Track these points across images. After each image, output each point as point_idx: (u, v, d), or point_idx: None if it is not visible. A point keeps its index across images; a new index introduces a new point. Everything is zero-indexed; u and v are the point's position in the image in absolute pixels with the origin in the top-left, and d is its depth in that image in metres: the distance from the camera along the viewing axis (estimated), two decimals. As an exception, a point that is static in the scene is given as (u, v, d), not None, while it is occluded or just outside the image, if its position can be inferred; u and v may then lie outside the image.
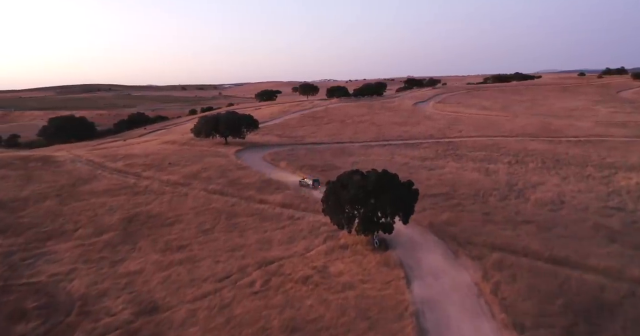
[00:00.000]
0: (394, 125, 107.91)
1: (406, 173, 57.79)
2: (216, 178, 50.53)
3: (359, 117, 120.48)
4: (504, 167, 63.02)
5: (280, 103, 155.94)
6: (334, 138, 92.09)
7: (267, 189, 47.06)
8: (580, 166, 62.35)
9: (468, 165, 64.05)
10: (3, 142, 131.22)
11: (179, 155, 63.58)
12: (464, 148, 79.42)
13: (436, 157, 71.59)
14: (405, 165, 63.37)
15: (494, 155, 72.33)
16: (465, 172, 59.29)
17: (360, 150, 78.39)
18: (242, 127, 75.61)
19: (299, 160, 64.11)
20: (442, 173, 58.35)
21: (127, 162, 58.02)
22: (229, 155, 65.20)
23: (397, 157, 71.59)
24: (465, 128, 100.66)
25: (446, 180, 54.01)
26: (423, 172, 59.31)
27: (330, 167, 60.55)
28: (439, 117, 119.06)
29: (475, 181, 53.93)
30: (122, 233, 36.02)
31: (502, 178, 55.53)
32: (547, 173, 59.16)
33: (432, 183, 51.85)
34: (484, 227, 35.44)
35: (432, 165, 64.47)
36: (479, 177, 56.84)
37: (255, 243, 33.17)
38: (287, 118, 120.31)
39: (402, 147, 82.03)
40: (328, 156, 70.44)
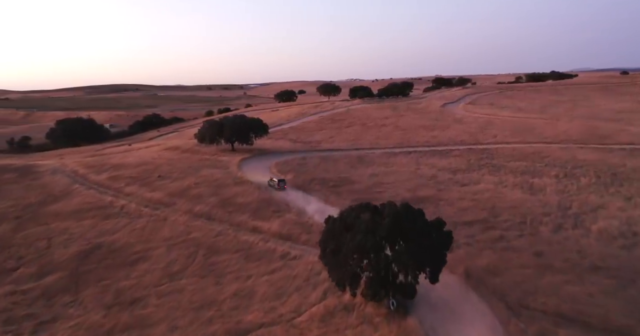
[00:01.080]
0: (420, 129, 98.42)
1: (433, 190, 48.74)
2: (207, 197, 42.67)
3: (382, 119, 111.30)
4: (551, 182, 53.13)
5: (299, 105, 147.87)
6: (353, 144, 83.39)
7: (263, 212, 38.89)
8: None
9: (508, 180, 54.41)
10: (15, 144, 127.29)
11: (174, 165, 56.11)
12: (501, 157, 69.54)
13: (469, 168, 62.07)
14: (432, 180, 54.19)
15: (538, 166, 62.32)
16: (505, 190, 49.76)
17: (382, 158, 69.45)
18: (249, 132, 67.73)
19: (309, 172, 55.72)
20: (477, 190, 48.99)
21: (113, 174, 50.86)
22: (230, 165, 57.39)
23: (423, 167, 62.40)
24: (501, 133, 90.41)
25: (483, 200, 44.70)
26: (454, 188, 50.07)
27: (344, 181, 51.99)
28: (470, 120, 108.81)
29: (519, 202, 44.44)
30: (70, 276, 28.43)
31: (551, 199, 45.82)
32: (606, 191, 49.07)
33: (466, 206, 42.66)
34: (541, 278, 26.33)
35: (465, 179, 55.08)
36: (523, 196, 47.26)
37: (231, 297, 25.03)
38: (305, 121, 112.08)
39: (429, 154, 72.72)
40: (344, 166, 61.82)
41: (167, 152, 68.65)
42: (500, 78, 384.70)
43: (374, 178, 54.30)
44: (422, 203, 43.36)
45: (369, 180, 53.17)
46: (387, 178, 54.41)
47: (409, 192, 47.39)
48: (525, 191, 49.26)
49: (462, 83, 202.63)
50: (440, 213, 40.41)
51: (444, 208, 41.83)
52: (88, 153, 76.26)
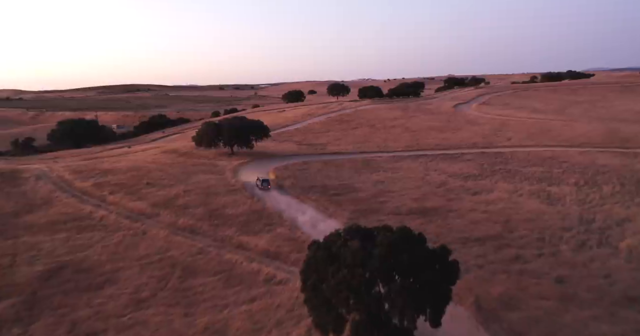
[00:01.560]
0: (430, 130, 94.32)
1: (442, 199, 44.79)
2: (194, 207, 39.33)
3: (391, 120, 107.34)
4: (570, 190, 48.81)
5: (307, 105, 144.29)
6: (360, 147, 79.69)
7: (253, 225, 35.40)
8: (676, 192, 47.49)
9: (523, 188, 50.22)
10: (20, 145, 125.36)
11: (167, 170, 52.93)
12: (516, 161, 65.28)
13: (482, 174, 57.95)
14: (441, 187, 50.21)
15: (555, 172, 57.99)
16: (521, 199, 45.60)
17: (389, 163, 65.60)
18: (248, 135, 64.34)
19: (309, 178, 52.13)
20: (491, 200, 44.91)
21: (99, 180, 47.81)
22: (226, 170, 54.06)
23: (432, 173, 58.41)
24: (516, 135, 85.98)
25: (496, 212, 40.66)
26: (465, 197, 46.05)
27: (346, 188, 48.27)
28: (484, 121, 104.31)
29: (536, 214, 40.32)
30: (26, 302, 25.19)
31: (572, 210, 41.61)
32: (631, 201, 44.63)
33: (478, 218, 38.65)
34: (564, 313, 22.43)
35: (477, 186, 51.00)
36: (540, 206, 43.09)
37: (200, 333, 21.54)
38: (312, 122, 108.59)
39: (439, 158, 68.70)
40: (348, 172, 58.11)
41: (163, 155, 65.59)
42: (515, 77, 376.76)
43: (379, 186, 50.50)
44: (430, 215, 39.55)
45: (373, 188, 49.41)
46: (393, 186, 50.58)
47: (415, 201, 43.54)
48: (542, 201, 45.07)
49: (475, 83, 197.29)
50: (449, 226, 36.58)
51: (453, 221, 37.94)
52: (85, 156, 73.59)
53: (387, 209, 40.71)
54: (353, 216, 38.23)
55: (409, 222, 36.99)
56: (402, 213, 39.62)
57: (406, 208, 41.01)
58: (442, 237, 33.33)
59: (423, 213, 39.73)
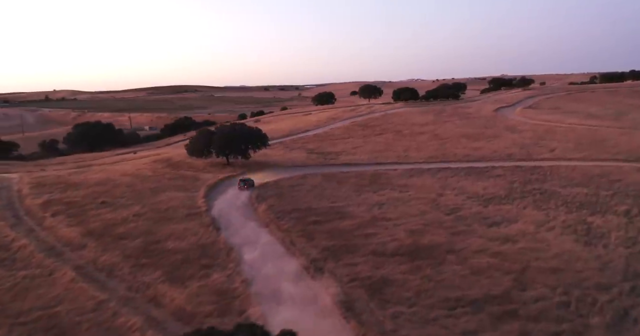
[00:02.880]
0: (462, 138, 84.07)
1: (446, 234, 35.64)
2: (133, 237, 32.59)
3: (421, 126, 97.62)
4: (619, 223, 38.34)
5: (335, 108, 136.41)
6: (376, 157, 71.15)
7: (188, 267, 28.14)
8: None
9: (557, 217, 40.13)
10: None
11: (136, 186, 46.83)
12: (556, 179, 54.71)
13: (509, 195, 48.09)
14: (451, 215, 40.95)
15: (603, 195, 47.22)
16: (550, 235, 35.72)
17: (401, 178, 56.72)
18: (242, 144, 57.39)
19: (295, 199, 44.29)
20: (509, 235, 35.37)
21: (55, 197, 42.27)
22: (203, 186, 47.28)
23: (448, 193, 49.07)
24: (561, 145, 74.37)
25: (512, 255, 31.23)
26: (477, 230, 36.67)
27: (332, 214, 40.01)
28: (526, 127, 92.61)
29: (566, 260, 30.59)
30: None
31: (615, 256, 31.49)
32: None
33: (484, 265, 29.43)
34: None
35: (498, 214, 41.37)
36: (574, 247, 33.17)
37: None
38: (334, 127, 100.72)
39: (463, 173, 59.06)
40: (347, 190, 49.83)
41: (151, 165, 59.86)
42: (574, 78, 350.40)
43: (374, 210, 41.94)
44: (421, 257, 30.73)
45: (367, 213, 40.92)
46: (392, 211, 41.87)
47: (410, 235, 34.73)
48: (578, 238, 35.02)
49: (524, 84, 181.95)
50: (440, 278, 27.70)
51: (450, 267, 28.98)
52: (78, 163, 69.40)
53: (369, 246, 32.28)
54: (320, 256, 30.18)
55: (389, 268, 28.56)
56: (386, 253, 31.06)
57: (394, 246, 32.37)
58: (423, 298, 24.67)
59: (413, 255, 30.99)
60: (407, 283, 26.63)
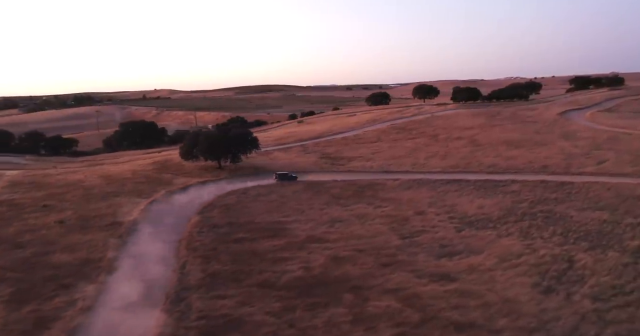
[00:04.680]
0: (502, 145, 74.62)
1: (377, 263, 29.80)
2: (29, 246, 31.07)
3: (463, 130, 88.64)
4: (614, 263, 29.83)
5: (384, 109, 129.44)
6: (389, 165, 65.34)
7: (48, 286, 25.76)
8: None
9: (537, 250, 32.34)
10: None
11: (99, 189, 45.96)
12: (580, 199, 45.72)
13: (502, 217, 40.47)
14: (410, 238, 34.74)
15: (625, 223, 38.06)
16: (506, 274, 28.39)
17: (394, 190, 50.76)
18: (226, 149, 54.84)
19: (241, 212, 40.46)
20: (450, 272, 28.68)
21: (8, 197, 42.68)
22: (159, 192, 45.30)
23: (430, 211, 42.46)
24: (616, 156, 62.74)
25: (426, 299, 24.82)
26: (416, 262, 30.22)
27: (268, 232, 35.61)
28: (587, 134, 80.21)
29: (493, 311, 23.71)
30: None
31: (569, 313, 23.92)
32: None
33: (379, 310, 23.39)
34: None
35: (464, 242, 34.38)
36: (521, 294, 25.80)
37: None
38: (369, 130, 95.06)
39: (472, 187, 51.65)
40: (312, 203, 45.00)
41: (145, 166, 59.52)
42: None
43: (320, 228, 36.90)
44: (313, 294, 25.56)
45: (309, 231, 36.02)
46: (340, 230, 36.57)
47: (327, 264, 29.37)
48: (540, 282, 27.43)
49: (613, 83, 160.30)
50: (306, 323, 22.53)
51: (332, 310, 23.44)
52: (95, 161, 71.63)
53: (264, 275, 27.67)
54: (196, 283, 26.30)
55: (259, 305, 24.03)
56: (275, 286, 26.27)
57: (292, 277, 27.42)
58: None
59: (305, 290, 25.89)
60: (261, 328, 21.94)
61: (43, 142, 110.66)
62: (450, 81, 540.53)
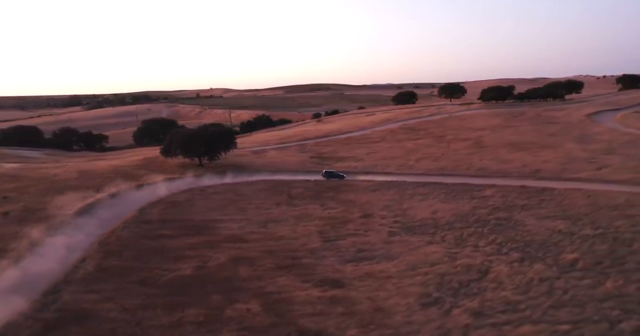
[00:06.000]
0: (505, 148, 71.08)
1: (276, 266, 29.25)
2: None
3: (473, 131, 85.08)
4: (531, 277, 27.55)
5: (401, 109, 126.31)
6: (376, 165, 64.37)
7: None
8: None
9: (457, 259, 30.47)
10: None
11: (58, 183, 48.10)
12: (550, 206, 42.99)
13: (448, 223, 38.55)
14: (332, 241, 33.86)
15: (580, 234, 35.25)
16: (398, 284, 26.91)
17: (359, 192, 49.82)
18: (202, 146, 55.77)
19: (183, 210, 41.07)
20: (338, 278, 27.65)
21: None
22: (122, 188, 46.77)
23: (378, 214, 41.27)
24: (622, 162, 58.19)
25: (278, 305, 24.15)
26: (315, 266, 29.30)
27: (194, 230, 35.90)
28: (605, 137, 74.86)
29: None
30: None
31: (429, 330, 22.36)
32: None
33: (227, 314, 23.14)
34: None
35: (385, 248, 32.99)
36: (396, 305, 24.44)
37: None
38: (378, 130, 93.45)
39: (444, 190, 49.70)
40: (262, 203, 44.89)
41: (130, 162, 61.80)
42: None
43: (249, 228, 36.72)
44: (180, 292, 25.45)
45: (234, 231, 35.99)
46: (265, 231, 36.25)
47: (223, 263, 29.24)
48: (432, 292, 25.78)
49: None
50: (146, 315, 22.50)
51: (187, 311, 23.38)
52: (101, 156, 75.27)
53: (152, 271, 27.90)
54: (80, 277, 26.98)
55: (121, 302, 24.26)
56: (155, 284, 26.48)
57: (176, 276, 27.50)
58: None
59: (176, 289, 25.88)
60: (103, 324, 22.14)
61: (75, 137, 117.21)
62: (509, 79, 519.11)
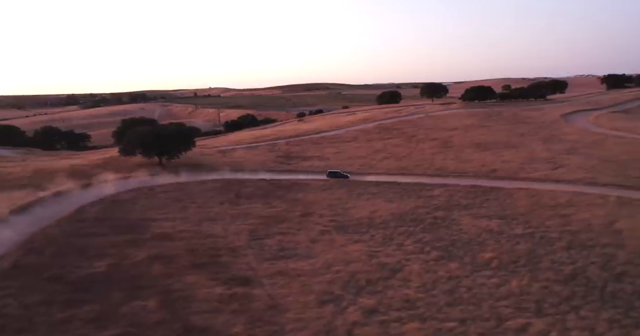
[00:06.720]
0: (471, 148, 71.53)
1: (189, 264, 29.55)
2: None
3: (446, 131, 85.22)
4: (441, 276, 27.95)
5: (381, 108, 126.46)
6: (339, 165, 63.91)
7: None
8: None
9: (375, 257, 30.76)
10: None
11: (20, 180, 48.82)
12: (492, 206, 43.24)
13: (384, 222, 38.87)
14: (258, 240, 34.15)
15: (508, 234, 35.59)
16: (306, 282, 27.29)
17: (309, 191, 50.10)
18: (157, 146, 56.12)
19: (126, 209, 41.44)
20: (240, 276, 28.02)
21: None
22: (66, 184, 47.26)
23: (318, 212, 41.60)
24: (582, 162, 58.70)
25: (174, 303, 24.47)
26: (230, 263, 29.69)
27: (126, 228, 36.25)
28: (574, 137, 75.22)
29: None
30: None
31: (316, 320, 22.66)
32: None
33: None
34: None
35: (308, 247, 33.32)
36: (295, 302, 24.79)
37: None
38: (353, 129, 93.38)
39: (393, 190, 50.10)
40: (207, 201, 45.24)
41: (90, 161, 62.23)
42: None
43: (181, 226, 37.04)
44: (85, 289, 25.84)
45: (166, 229, 36.10)
46: (192, 231, 36.50)
47: (143, 260, 29.67)
48: (335, 292, 26.03)
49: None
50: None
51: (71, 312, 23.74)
52: (66, 155, 75.74)
53: (57, 272, 28.38)
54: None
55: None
56: (64, 281, 26.91)
57: (87, 273, 27.88)
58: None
59: (82, 290, 26.31)
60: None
61: (57, 136, 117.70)
62: (509, 79, 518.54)
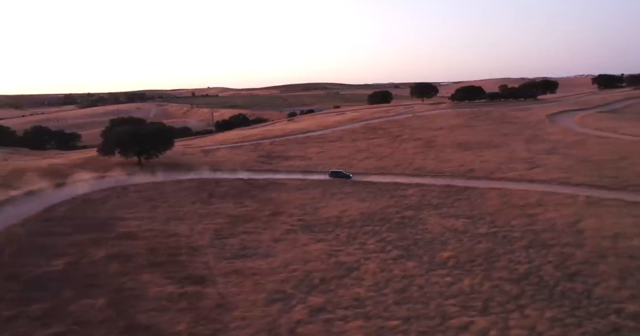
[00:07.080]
0: (452, 148, 71.66)
1: (148, 262, 29.79)
2: None
3: (431, 131, 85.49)
4: (394, 275, 28.13)
5: (370, 108, 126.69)
6: (318, 165, 64.27)
7: None
8: None
9: (334, 256, 31.02)
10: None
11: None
12: (462, 206, 43.45)
13: (351, 222, 39.04)
14: (221, 239, 34.40)
15: (472, 233, 35.92)
16: (260, 280, 27.51)
17: (285, 190, 50.37)
18: (138, 144, 56.40)
19: (95, 208, 41.69)
20: (197, 276, 28.23)
21: None
22: (40, 184, 47.54)
23: (288, 212, 41.80)
24: (560, 162, 59.02)
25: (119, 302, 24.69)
26: (187, 263, 29.93)
27: (96, 227, 36.45)
28: (556, 137, 75.41)
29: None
30: None
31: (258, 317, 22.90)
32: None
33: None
34: None
35: (270, 247, 33.53)
36: (245, 300, 25.01)
37: None
38: (339, 129, 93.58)
39: (367, 190, 50.34)
40: (178, 201, 45.47)
41: (71, 161, 62.45)
42: None
43: (148, 225, 37.24)
44: (38, 288, 26.07)
45: (132, 228, 36.39)
46: (159, 230, 36.68)
47: (101, 259, 29.90)
48: (286, 290, 26.26)
49: (636, 82, 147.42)
50: None
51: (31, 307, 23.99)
52: (53, 155, 75.95)
53: (13, 271, 28.61)
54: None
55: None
56: (18, 279, 27.14)
57: (42, 272, 28.11)
58: None
59: (34, 288, 26.56)
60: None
61: (47, 136, 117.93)
62: (506, 79, 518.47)
